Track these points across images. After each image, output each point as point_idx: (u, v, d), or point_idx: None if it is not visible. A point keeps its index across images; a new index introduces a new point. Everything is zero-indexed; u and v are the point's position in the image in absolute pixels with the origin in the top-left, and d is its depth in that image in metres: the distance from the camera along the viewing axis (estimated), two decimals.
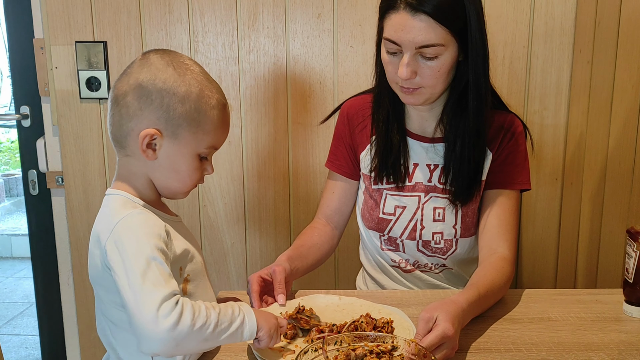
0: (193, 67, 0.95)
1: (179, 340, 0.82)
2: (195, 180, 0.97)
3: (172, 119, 0.91)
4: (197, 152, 0.94)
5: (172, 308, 0.81)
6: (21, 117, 1.92)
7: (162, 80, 0.91)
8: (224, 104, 0.96)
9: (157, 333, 0.80)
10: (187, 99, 0.91)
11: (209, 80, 0.96)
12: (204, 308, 0.85)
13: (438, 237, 1.31)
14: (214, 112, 0.93)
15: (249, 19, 1.78)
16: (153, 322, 0.80)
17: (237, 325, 0.88)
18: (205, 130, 0.93)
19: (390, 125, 1.30)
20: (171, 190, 0.97)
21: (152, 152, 0.92)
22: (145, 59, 0.93)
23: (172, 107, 0.91)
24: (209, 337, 0.85)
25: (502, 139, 1.28)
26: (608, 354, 0.99)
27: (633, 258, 1.12)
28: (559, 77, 1.77)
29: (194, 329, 0.82)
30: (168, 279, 0.84)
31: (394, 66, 1.18)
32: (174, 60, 0.93)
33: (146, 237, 0.86)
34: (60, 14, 1.78)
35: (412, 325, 1.04)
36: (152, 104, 0.91)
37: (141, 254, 0.84)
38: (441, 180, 1.29)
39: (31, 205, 1.99)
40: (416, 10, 1.11)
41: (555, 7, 1.73)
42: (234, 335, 0.88)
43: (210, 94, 0.94)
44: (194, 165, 0.95)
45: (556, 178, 1.83)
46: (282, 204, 1.88)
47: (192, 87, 0.92)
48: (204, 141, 0.94)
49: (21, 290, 3.87)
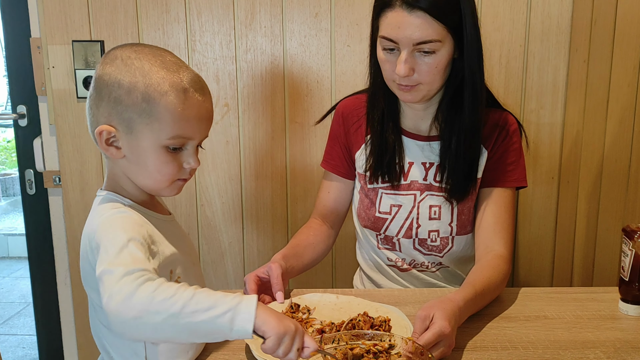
0: (144, 55, 0.88)
1: (137, 314, 0.74)
2: (168, 174, 0.90)
3: (122, 113, 0.86)
4: (160, 145, 0.87)
5: (134, 280, 0.75)
6: (18, 117, 1.92)
7: (108, 74, 0.87)
8: (184, 88, 0.87)
9: (113, 308, 0.74)
10: (133, 89, 0.86)
11: (166, 66, 0.88)
12: (177, 285, 0.76)
13: (434, 235, 1.31)
14: (167, 99, 0.86)
15: (246, 18, 1.78)
16: (109, 298, 0.75)
17: (223, 310, 0.74)
18: (162, 120, 0.86)
19: (385, 124, 1.30)
20: (148, 188, 0.92)
21: (115, 149, 0.89)
22: (104, 56, 0.90)
23: (119, 100, 0.86)
24: (177, 316, 0.74)
25: (497, 136, 1.28)
26: (604, 352, 1.00)
27: (629, 256, 1.12)
28: (555, 76, 1.78)
29: (153, 302, 0.74)
30: (138, 260, 0.79)
31: (391, 64, 1.18)
32: (124, 52, 0.88)
33: (122, 230, 0.83)
34: (57, 13, 1.77)
35: (409, 324, 1.04)
36: (102, 100, 0.87)
37: (116, 243, 0.80)
38: (437, 178, 1.30)
39: (28, 204, 1.99)
40: (412, 7, 1.11)
41: (551, 6, 1.74)
42: (217, 323, 0.74)
43: (162, 79, 0.86)
44: (161, 159, 0.88)
45: (552, 176, 1.84)
46: (279, 203, 1.88)
47: (138, 76, 0.86)
48: (163, 132, 0.87)
49: (18, 290, 3.86)
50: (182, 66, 0.90)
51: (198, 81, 0.90)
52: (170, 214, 1.01)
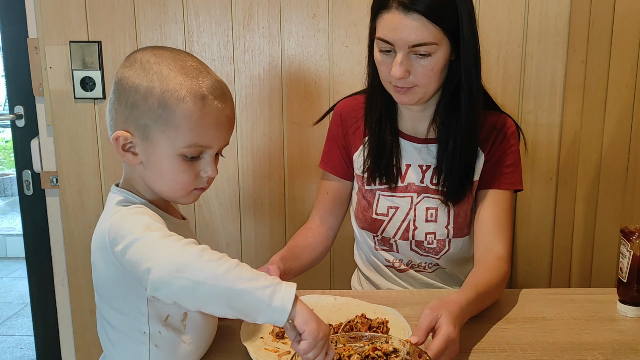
0: (164, 59, 0.86)
1: (181, 266, 0.74)
2: (184, 183, 0.88)
3: (138, 119, 0.85)
4: (176, 153, 0.85)
5: (177, 240, 0.77)
6: (15, 117, 1.91)
7: (126, 78, 0.85)
8: (203, 94, 0.84)
9: (157, 257, 0.75)
10: (149, 95, 0.83)
11: (185, 71, 0.85)
12: (219, 253, 0.77)
13: (431, 237, 1.31)
14: (184, 106, 0.83)
15: (244, 19, 1.77)
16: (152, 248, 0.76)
17: (265, 284, 0.75)
18: (178, 127, 0.84)
19: (382, 126, 1.30)
20: (164, 195, 0.91)
21: (132, 155, 0.87)
22: (125, 59, 0.89)
23: (135, 105, 0.84)
24: (220, 278, 0.74)
25: (495, 139, 1.28)
26: (602, 354, 1.00)
27: (627, 257, 1.12)
28: (553, 77, 1.78)
29: (200, 259, 0.75)
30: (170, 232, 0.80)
31: (387, 66, 1.18)
32: (143, 56, 0.86)
33: (141, 216, 0.83)
34: (55, 14, 1.77)
35: (407, 326, 1.04)
36: (120, 105, 0.86)
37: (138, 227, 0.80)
38: (433, 180, 1.29)
39: (25, 205, 1.98)
40: (409, 10, 1.11)
41: (549, 6, 1.74)
42: (259, 293, 0.74)
43: (179, 86, 0.83)
44: (177, 167, 0.86)
45: (550, 177, 1.84)
46: (277, 204, 1.88)
47: (155, 82, 0.84)
48: (179, 139, 0.84)
49: (16, 290, 3.86)
50: (203, 71, 0.87)
51: (219, 87, 0.87)
52: (185, 219, 0.99)
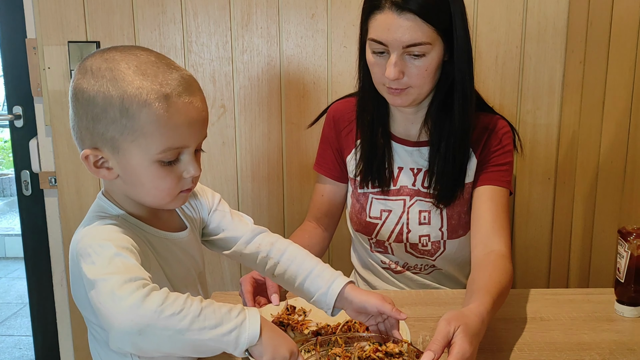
0: (116, 63, 0.78)
1: (142, 328, 0.68)
2: (167, 189, 0.82)
3: (103, 133, 0.78)
4: (152, 160, 0.79)
5: (135, 289, 0.70)
6: (14, 118, 1.91)
7: (81, 91, 0.79)
8: (166, 94, 0.77)
9: (115, 316, 0.69)
10: (108, 106, 0.77)
11: (141, 71, 0.78)
12: (183, 297, 0.72)
13: (425, 239, 1.30)
14: (148, 110, 0.76)
15: (242, 19, 1.77)
16: (110, 304, 0.69)
17: (229, 328, 0.72)
18: (146, 134, 0.77)
19: (374, 129, 1.29)
20: (149, 204, 0.86)
21: (106, 171, 0.82)
22: (78, 67, 0.81)
23: (97, 119, 0.78)
24: (185, 332, 0.70)
25: (487, 140, 1.27)
26: (599, 354, 1.00)
27: (624, 258, 1.12)
28: (551, 77, 1.78)
29: (161, 316, 0.69)
30: (134, 268, 0.73)
31: (380, 67, 1.17)
32: (94, 63, 0.79)
33: (107, 239, 0.76)
34: (53, 14, 1.77)
35: (404, 326, 1.04)
36: (81, 120, 0.80)
37: (104, 253, 0.74)
38: (424, 184, 1.29)
39: (24, 205, 1.98)
40: (402, 9, 1.10)
41: (547, 7, 1.74)
42: (225, 339, 0.72)
43: (138, 90, 0.76)
44: (156, 175, 0.80)
45: (549, 177, 1.84)
46: (275, 204, 1.88)
47: (111, 90, 0.77)
48: (152, 147, 0.78)
49: (15, 290, 3.85)
50: (162, 65, 0.80)
51: (182, 81, 0.80)
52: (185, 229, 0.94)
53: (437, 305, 1.19)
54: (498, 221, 1.22)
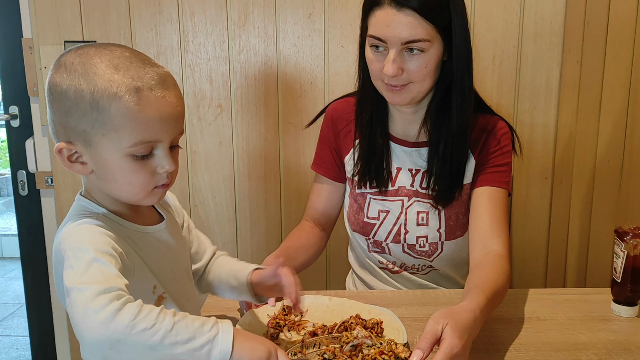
0: (89, 57, 0.79)
1: (113, 342, 0.68)
2: (140, 184, 0.83)
3: (75, 127, 0.79)
4: (124, 154, 0.80)
5: (108, 302, 0.69)
6: (10, 117, 1.91)
7: (55, 85, 0.80)
8: (137, 87, 0.78)
9: (87, 330, 0.68)
10: (80, 99, 0.78)
11: (113, 65, 0.79)
12: (156, 311, 0.71)
13: (422, 240, 1.30)
14: (118, 104, 0.77)
15: (239, 19, 1.77)
16: (83, 317, 0.69)
17: (201, 343, 0.71)
18: (117, 127, 0.78)
19: (373, 129, 1.29)
20: (124, 199, 0.86)
21: (80, 165, 0.82)
22: (53, 64, 0.82)
23: (69, 112, 0.79)
24: (156, 347, 0.70)
25: (485, 140, 1.27)
26: (596, 354, 1.00)
27: (621, 258, 1.13)
28: (548, 77, 1.78)
29: (133, 331, 0.68)
30: (110, 277, 0.73)
31: (379, 64, 1.17)
32: (67, 58, 0.80)
33: (88, 243, 0.76)
34: (49, 14, 1.77)
35: (401, 326, 1.04)
36: (55, 114, 0.81)
37: (82, 258, 0.74)
38: (423, 184, 1.29)
39: (21, 205, 1.98)
40: (401, 6, 1.11)
41: (544, 6, 1.74)
42: (196, 354, 0.71)
43: (108, 83, 0.77)
44: (128, 169, 0.81)
45: (546, 177, 1.84)
46: (273, 204, 1.88)
47: (82, 83, 0.78)
48: (123, 140, 0.79)
49: (12, 290, 3.84)
50: (135, 60, 0.80)
51: (157, 76, 0.80)
52: (162, 220, 0.94)
53: (434, 306, 1.18)
54: (497, 222, 1.22)
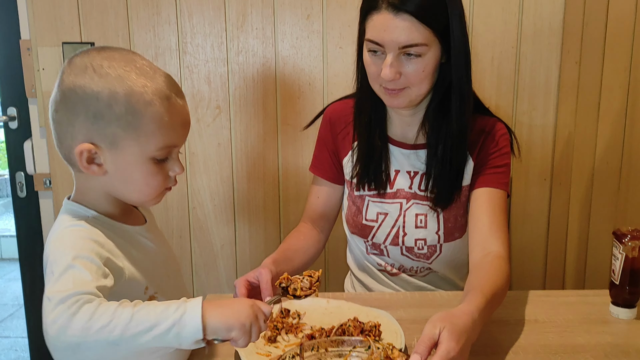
0: (117, 62, 0.82)
1: (74, 347, 0.70)
2: (156, 186, 0.87)
3: (104, 129, 0.81)
4: (147, 157, 0.84)
5: (66, 309, 0.71)
6: (8, 119, 1.91)
7: (81, 87, 0.80)
8: (167, 94, 0.83)
9: (48, 340, 0.71)
10: (114, 103, 0.80)
11: (142, 72, 0.83)
12: (114, 307, 0.71)
13: (421, 243, 1.30)
14: (152, 109, 0.82)
15: (237, 20, 1.77)
16: (45, 326, 0.72)
17: (167, 327, 0.71)
18: (149, 132, 0.82)
19: (371, 131, 1.28)
20: (134, 201, 0.90)
21: (97, 167, 0.84)
22: (68, 65, 0.83)
23: (99, 115, 0.80)
24: (119, 342, 0.70)
25: (483, 142, 1.26)
26: (594, 356, 1.00)
27: (619, 259, 1.12)
28: (547, 78, 1.78)
29: (90, 332, 0.69)
30: (83, 283, 0.74)
31: (376, 67, 1.16)
32: (94, 61, 0.82)
33: (70, 248, 0.78)
34: (47, 15, 1.76)
35: (399, 329, 1.04)
36: (79, 116, 0.81)
37: (61, 264, 0.76)
38: (421, 187, 1.29)
39: (19, 207, 1.97)
40: (398, 10, 1.10)
41: (543, 7, 1.74)
42: (166, 338, 0.71)
43: (143, 89, 0.81)
44: (148, 171, 0.85)
45: (545, 178, 1.84)
46: (271, 205, 1.87)
47: (117, 87, 0.80)
48: (151, 144, 0.83)
49: (11, 292, 3.84)
50: (153, 68, 0.86)
51: (174, 84, 0.87)
52: (146, 221, 0.97)
53: (432, 308, 1.18)
54: (496, 223, 1.21)
